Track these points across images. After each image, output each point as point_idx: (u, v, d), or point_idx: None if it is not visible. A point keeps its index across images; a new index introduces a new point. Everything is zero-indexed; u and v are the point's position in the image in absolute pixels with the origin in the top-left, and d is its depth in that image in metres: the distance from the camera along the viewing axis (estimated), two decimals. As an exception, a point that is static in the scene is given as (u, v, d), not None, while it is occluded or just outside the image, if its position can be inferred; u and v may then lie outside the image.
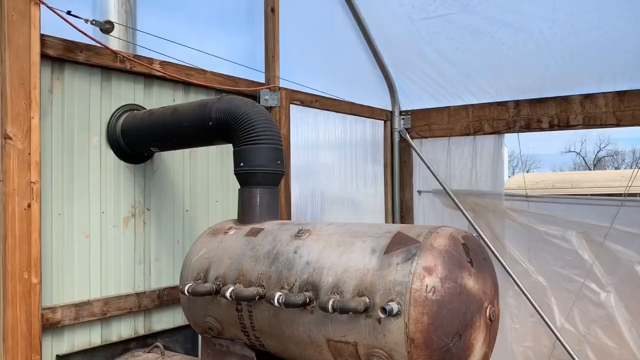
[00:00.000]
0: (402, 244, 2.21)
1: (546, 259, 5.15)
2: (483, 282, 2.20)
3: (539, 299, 5.14)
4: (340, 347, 2.28)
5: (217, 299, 2.66)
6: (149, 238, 3.57)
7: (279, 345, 2.54)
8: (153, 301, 3.53)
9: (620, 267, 4.78)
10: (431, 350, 2.03)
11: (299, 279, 2.40)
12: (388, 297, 2.11)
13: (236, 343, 2.72)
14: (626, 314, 4.77)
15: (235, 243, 2.75)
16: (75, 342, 3.15)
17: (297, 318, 2.38)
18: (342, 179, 5.49)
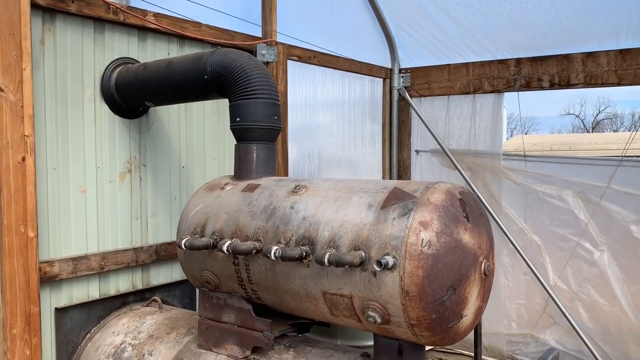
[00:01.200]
0: (399, 199, 2.20)
1: (542, 218, 5.18)
2: (479, 237, 2.21)
3: (534, 257, 5.19)
4: (335, 300, 2.31)
5: (214, 253, 2.67)
6: (146, 194, 3.56)
7: (276, 298, 2.57)
8: (150, 256, 3.55)
9: (615, 226, 4.81)
10: (425, 302, 2.05)
11: (296, 233, 2.41)
12: (384, 251, 2.12)
13: (233, 296, 2.75)
14: (619, 273, 4.83)
15: (231, 198, 2.74)
16: (73, 296, 3.19)
17: (294, 271, 2.40)
18: (339, 138, 5.46)
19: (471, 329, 2.31)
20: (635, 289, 4.76)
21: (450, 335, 2.20)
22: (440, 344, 2.23)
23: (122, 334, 3.15)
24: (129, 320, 3.27)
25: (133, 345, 3.05)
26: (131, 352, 3.01)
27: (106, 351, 3.10)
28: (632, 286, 4.77)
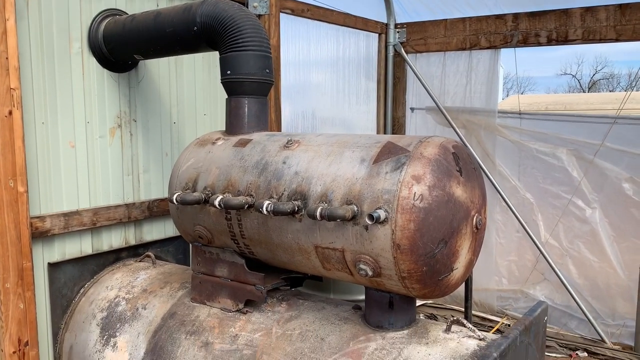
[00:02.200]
0: (392, 153, 2.18)
1: (535, 176, 5.19)
2: (471, 191, 2.20)
3: (526, 215, 5.24)
4: (327, 254, 2.31)
5: (206, 208, 2.66)
6: (137, 150, 3.52)
7: (268, 252, 2.58)
8: (143, 212, 3.54)
9: (607, 184, 4.84)
10: (416, 255, 2.06)
11: (288, 188, 2.39)
12: (376, 205, 2.11)
13: (226, 251, 2.75)
14: (609, 230, 4.88)
15: (223, 153, 2.71)
16: (66, 251, 3.19)
17: (286, 226, 2.39)
18: (333, 96, 5.40)
19: (462, 282, 2.33)
20: (624, 246, 4.82)
21: (441, 287, 2.21)
22: (430, 297, 2.25)
23: (116, 289, 3.17)
24: (123, 275, 3.29)
25: (127, 300, 3.07)
26: (125, 306, 3.04)
27: (100, 305, 3.12)
28: (621, 243, 4.83)
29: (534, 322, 2.34)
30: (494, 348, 2.01)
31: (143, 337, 2.84)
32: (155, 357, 2.73)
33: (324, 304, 2.70)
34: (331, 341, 2.38)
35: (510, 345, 2.08)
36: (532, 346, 2.35)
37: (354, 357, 2.26)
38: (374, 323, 2.42)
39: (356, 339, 2.35)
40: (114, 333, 2.95)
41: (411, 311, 2.43)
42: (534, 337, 2.36)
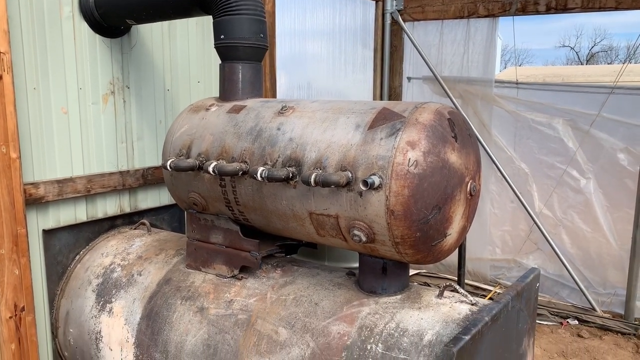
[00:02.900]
0: (387, 119, 2.17)
1: (531, 146, 5.19)
2: (466, 157, 2.20)
3: (521, 185, 5.25)
4: (322, 220, 2.32)
5: (200, 175, 2.65)
6: (130, 117, 3.49)
7: (263, 219, 2.58)
8: (137, 180, 3.53)
9: (602, 154, 4.84)
10: (410, 221, 2.06)
11: (282, 155, 2.38)
12: (370, 171, 2.10)
13: (221, 218, 2.75)
14: (603, 200, 4.91)
15: (217, 120, 2.69)
16: (60, 218, 3.18)
17: (280, 192, 2.39)
18: (329, 65, 5.34)
19: (455, 248, 2.35)
20: (618, 216, 4.85)
21: (434, 253, 2.23)
22: (423, 262, 2.27)
23: (111, 256, 3.19)
24: (118, 242, 3.30)
25: (122, 266, 3.08)
26: (120, 273, 3.05)
27: (95, 272, 3.14)
28: (615, 213, 4.86)
29: (526, 288, 2.37)
30: (486, 312, 2.04)
31: (138, 302, 2.86)
32: (151, 322, 2.76)
33: (318, 270, 2.72)
34: (325, 306, 2.41)
35: (502, 310, 2.11)
36: (523, 312, 2.38)
37: (348, 321, 2.29)
38: (368, 288, 2.44)
39: (350, 304, 2.38)
40: (110, 299, 2.97)
41: (404, 277, 2.45)
42: (525, 303, 2.39)
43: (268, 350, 2.36)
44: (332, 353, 2.21)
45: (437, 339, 2.08)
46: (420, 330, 2.14)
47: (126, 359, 2.82)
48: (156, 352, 2.69)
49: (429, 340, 2.09)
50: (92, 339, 2.97)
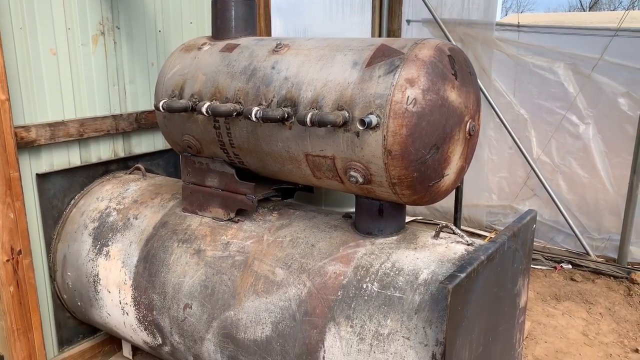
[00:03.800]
0: (385, 56, 2.10)
1: (531, 91, 5.11)
2: (466, 95, 2.14)
3: (519, 131, 5.20)
4: (318, 162, 2.28)
5: (194, 116, 2.59)
6: (121, 58, 3.39)
7: (258, 161, 2.54)
8: (131, 124, 3.47)
9: (603, 99, 4.77)
10: (408, 161, 2.03)
11: (277, 94, 2.32)
12: (368, 110, 2.05)
13: (216, 161, 2.72)
14: (602, 145, 4.88)
15: (210, 59, 2.61)
16: (54, 162, 3.14)
17: (276, 134, 2.35)
18: (327, 7, 5.18)
19: (452, 189, 2.33)
20: (616, 161, 4.83)
21: (431, 194, 2.21)
22: (420, 203, 2.25)
23: (107, 200, 3.17)
24: (113, 186, 3.27)
25: (118, 210, 3.07)
26: (116, 217, 3.04)
27: (91, 216, 3.12)
28: (613, 158, 4.84)
29: (523, 229, 2.37)
30: (482, 251, 2.04)
31: (135, 245, 2.86)
32: (148, 264, 2.77)
33: (314, 213, 2.71)
34: (321, 247, 2.41)
35: (498, 250, 2.11)
36: (519, 252, 2.38)
37: (344, 262, 2.29)
38: (364, 230, 2.44)
39: (346, 245, 2.38)
40: (106, 242, 2.97)
41: (400, 218, 2.45)
42: (521, 244, 2.40)
43: (265, 290, 2.38)
44: (328, 292, 2.23)
45: (433, 278, 2.09)
46: (416, 270, 2.15)
47: (124, 300, 2.84)
48: (154, 294, 2.71)
49: (424, 279, 2.10)
50: (90, 282, 2.99)
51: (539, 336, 3.85)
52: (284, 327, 2.28)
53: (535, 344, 3.74)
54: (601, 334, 3.90)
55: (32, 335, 3.00)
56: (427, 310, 2.01)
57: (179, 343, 2.66)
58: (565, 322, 4.06)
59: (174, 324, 2.65)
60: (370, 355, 2.05)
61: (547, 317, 4.13)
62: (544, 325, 4.00)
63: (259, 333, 2.35)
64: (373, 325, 2.08)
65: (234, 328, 2.42)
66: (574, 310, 4.22)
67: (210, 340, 2.51)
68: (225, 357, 2.48)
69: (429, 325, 1.98)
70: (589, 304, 4.32)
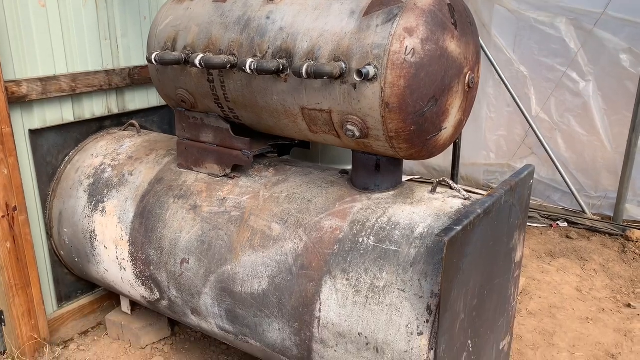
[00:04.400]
0: (384, 5, 2.03)
1: (531, 47, 5.01)
2: (465, 46, 2.09)
3: (519, 89, 5.14)
4: (314, 115, 2.25)
5: (187, 69, 2.54)
6: (113, 12, 3.30)
7: (254, 116, 2.51)
8: (124, 80, 3.41)
9: (604, 55, 4.69)
10: (405, 114, 2.00)
11: (272, 45, 2.26)
12: (365, 61, 2.00)
13: (210, 116, 2.68)
14: (602, 103, 4.82)
15: (202, 10, 2.53)
16: (47, 118, 3.10)
17: (271, 87, 2.30)
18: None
19: (450, 143, 2.30)
20: (615, 119, 4.80)
21: (429, 148, 2.18)
22: (417, 157, 2.23)
23: (101, 156, 3.14)
24: (107, 143, 3.23)
25: (113, 167, 3.04)
26: (111, 173, 3.02)
27: (86, 172, 3.10)
28: (612, 116, 4.80)
29: (520, 183, 2.35)
30: (479, 205, 2.03)
31: (131, 202, 2.85)
32: (144, 220, 2.76)
33: (311, 169, 2.69)
34: (318, 202, 2.40)
35: (494, 204, 2.10)
36: (516, 207, 2.38)
37: (340, 217, 2.29)
38: (360, 185, 2.42)
39: (342, 200, 2.37)
40: (102, 199, 2.96)
41: (397, 174, 2.43)
42: (518, 199, 2.39)
43: (262, 245, 2.38)
44: (324, 246, 2.23)
45: (429, 232, 2.08)
46: (412, 224, 2.14)
47: (121, 256, 2.85)
48: (151, 249, 2.71)
49: (420, 232, 2.10)
50: (86, 238, 2.99)
51: (533, 292, 3.90)
52: (281, 280, 2.29)
53: (529, 299, 3.80)
54: (595, 289, 3.95)
55: (30, 290, 3.02)
56: (422, 263, 2.01)
57: (176, 297, 2.68)
58: (560, 278, 4.10)
59: (171, 279, 2.66)
60: (366, 307, 2.06)
61: (541, 273, 4.17)
62: (539, 281, 4.05)
63: (255, 286, 2.36)
64: (369, 278, 2.09)
65: (231, 282, 2.43)
66: (569, 267, 4.27)
67: (207, 294, 2.53)
68: (222, 310, 2.50)
69: (424, 277, 1.98)
70: (583, 260, 4.36)
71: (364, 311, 2.07)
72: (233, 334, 2.56)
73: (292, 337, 2.28)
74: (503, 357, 2.69)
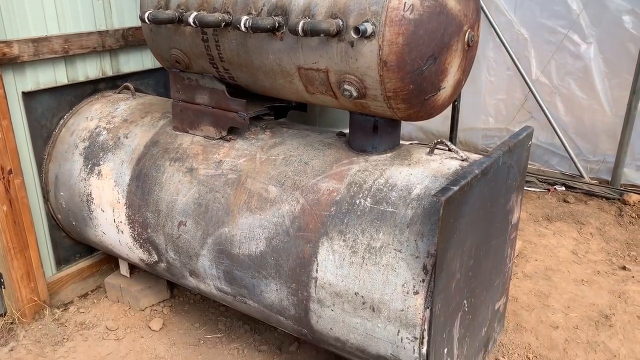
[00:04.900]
0: (381, -40, 1.97)
1: (532, 9, 4.92)
2: (465, 3, 2.04)
3: (519, 51, 5.06)
4: (311, 75, 2.21)
5: (181, 28, 2.48)
6: (104, -30, 3.22)
7: (249, 76, 2.47)
8: (118, 41, 3.34)
9: (607, 16, 4.61)
10: (404, 73, 1.97)
11: (267, 3, 2.21)
12: (362, 18, 1.96)
13: (205, 77, 2.64)
14: (602, 66, 4.76)
15: (196, -33, 2.46)
16: (39, 80, 3.05)
17: (266, 46, 2.26)
18: None
19: (449, 104, 2.27)
20: (615, 82, 4.74)
21: (427, 108, 2.16)
22: (415, 118, 2.20)
23: (96, 119, 3.10)
24: (102, 106, 3.20)
25: (108, 129, 3.01)
26: (106, 136, 2.99)
27: (81, 136, 3.07)
28: (613, 79, 4.75)
29: (518, 144, 2.34)
30: (477, 166, 2.01)
31: (127, 164, 2.83)
32: (141, 183, 2.75)
33: (308, 132, 2.67)
34: (314, 165, 2.38)
35: (492, 165, 2.09)
36: (514, 168, 2.37)
37: (337, 179, 2.28)
38: (358, 147, 2.40)
39: (339, 162, 2.35)
40: (98, 162, 2.94)
41: (395, 135, 2.41)
42: (516, 160, 2.37)
43: (258, 207, 2.38)
44: (321, 208, 2.23)
45: (426, 193, 2.08)
46: (409, 185, 2.13)
47: (118, 219, 2.85)
48: (148, 212, 2.71)
49: (417, 194, 2.09)
50: (83, 201, 2.98)
51: (529, 255, 3.93)
52: (278, 242, 2.30)
53: (525, 262, 3.82)
54: (590, 252, 3.97)
55: (28, 253, 3.03)
56: (419, 224, 2.01)
57: (174, 259, 2.70)
58: (556, 241, 4.13)
59: (169, 241, 2.66)
60: (362, 267, 2.07)
61: (538, 236, 4.19)
62: (535, 245, 4.07)
63: (253, 248, 2.37)
64: (365, 239, 2.09)
65: (229, 244, 2.44)
66: (565, 231, 4.29)
67: (205, 256, 2.54)
68: (220, 272, 2.51)
69: (421, 238, 1.99)
70: (580, 224, 4.38)
71: (361, 271, 2.08)
72: (231, 295, 2.58)
73: (290, 297, 2.30)
74: (498, 317, 2.73)
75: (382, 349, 2.10)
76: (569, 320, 3.20)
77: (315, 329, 2.29)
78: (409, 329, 1.99)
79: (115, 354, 2.93)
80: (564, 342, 3.01)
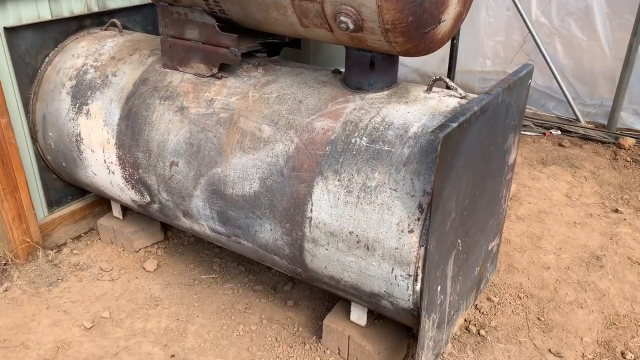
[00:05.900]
0: None
1: (536, -55, 4.74)
2: None
3: (519, -9, 4.91)
4: (305, 7, 2.11)
5: (169, -42, 2.35)
6: None
7: (240, 9, 2.36)
8: (102, -26, 3.19)
9: (612, -47, 4.45)
10: (403, 3, 1.88)
11: None
12: (359, -56, 1.85)
13: (195, 10, 2.52)
14: (604, 6, 4.63)
15: None
16: (22, 15, 2.92)
17: (258, -24, 2.14)
18: None
19: (448, 39, 2.19)
20: (617, 23, 4.63)
21: (426, 42, 2.08)
22: (414, 53, 2.13)
23: (83, 57, 3.00)
24: (88, 43, 3.08)
25: (95, 67, 2.91)
26: (94, 74, 2.89)
27: (68, 74, 2.97)
28: (614, 20, 4.63)
29: (518, 82, 2.28)
30: (475, 103, 1.96)
31: (116, 103, 2.75)
32: (130, 122, 2.68)
33: (302, 69, 2.59)
34: (309, 103, 2.32)
35: (491, 102, 2.04)
36: (512, 107, 2.31)
37: (332, 117, 2.22)
38: (354, 85, 2.34)
39: (334, 101, 2.29)
40: (86, 101, 2.86)
41: (392, 72, 2.34)
42: (515, 99, 2.32)
43: (252, 147, 2.33)
44: (316, 147, 2.18)
45: (423, 131, 2.03)
46: (406, 124, 2.08)
47: (109, 160, 2.80)
48: (138, 152, 2.66)
49: (414, 132, 2.04)
50: (72, 142, 2.92)
51: (523, 197, 3.93)
52: (272, 182, 2.26)
53: (519, 205, 3.83)
54: (584, 195, 3.98)
55: (19, 195, 2.99)
56: (415, 163, 1.98)
57: (167, 200, 2.67)
58: (550, 184, 4.13)
59: (161, 182, 2.63)
60: (357, 206, 2.05)
61: (532, 180, 4.19)
62: (529, 188, 4.07)
63: (247, 188, 2.33)
64: (360, 179, 2.06)
65: (222, 184, 2.40)
66: (559, 174, 4.28)
67: (198, 197, 2.51)
68: (214, 212, 2.49)
69: (417, 176, 1.95)
70: (574, 168, 4.37)
71: (355, 210, 2.06)
72: (225, 236, 2.56)
73: (284, 237, 2.29)
74: (491, 257, 2.74)
75: (376, 287, 2.11)
76: (560, 261, 3.23)
77: (310, 268, 2.30)
78: (403, 266, 1.99)
79: (110, 294, 2.94)
80: (555, 282, 3.06)
